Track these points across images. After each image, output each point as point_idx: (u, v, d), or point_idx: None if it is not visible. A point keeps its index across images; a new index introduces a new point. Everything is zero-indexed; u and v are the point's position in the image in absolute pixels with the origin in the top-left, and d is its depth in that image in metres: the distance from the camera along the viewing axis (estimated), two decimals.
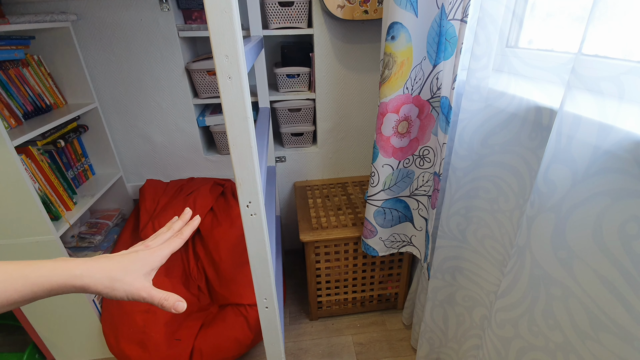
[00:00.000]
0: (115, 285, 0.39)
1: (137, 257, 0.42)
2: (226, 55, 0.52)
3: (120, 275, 0.40)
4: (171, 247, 0.47)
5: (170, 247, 0.47)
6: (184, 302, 0.42)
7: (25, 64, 1.13)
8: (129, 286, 0.40)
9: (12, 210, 0.98)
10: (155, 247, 0.46)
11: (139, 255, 0.43)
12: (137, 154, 1.49)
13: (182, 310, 0.42)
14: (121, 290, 0.40)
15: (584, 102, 0.49)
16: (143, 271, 0.42)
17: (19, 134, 0.97)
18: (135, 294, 0.40)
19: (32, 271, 0.35)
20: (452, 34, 0.77)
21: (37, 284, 0.35)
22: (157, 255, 0.44)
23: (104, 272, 0.39)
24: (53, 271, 0.36)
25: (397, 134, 0.97)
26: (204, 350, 1.14)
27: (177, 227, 0.51)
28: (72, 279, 0.37)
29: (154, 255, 0.44)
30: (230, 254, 1.27)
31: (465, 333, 0.96)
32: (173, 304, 0.41)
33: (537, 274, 0.59)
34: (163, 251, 0.45)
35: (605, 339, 0.49)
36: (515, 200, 0.70)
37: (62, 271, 0.37)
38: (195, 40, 1.50)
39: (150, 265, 0.43)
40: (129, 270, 0.41)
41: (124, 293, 0.40)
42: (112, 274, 0.40)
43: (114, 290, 0.39)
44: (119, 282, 0.39)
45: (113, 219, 1.43)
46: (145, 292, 0.41)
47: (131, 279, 0.40)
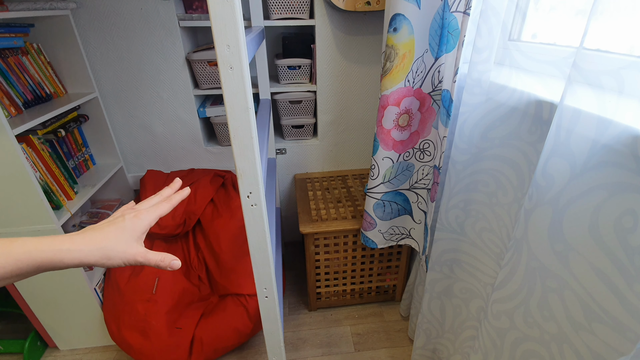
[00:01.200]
0: (110, 255, 0.40)
1: (124, 224, 0.42)
2: (228, 45, 0.52)
3: (113, 244, 0.40)
4: (159, 211, 0.46)
5: (158, 212, 0.46)
6: (178, 260, 0.44)
7: (24, 52, 1.12)
8: (123, 253, 0.40)
9: (14, 199, 0.99)
10: (142, 210, 0.45)
11: (125, 222, 0.43)
12: (137, 144, 1.49)
13: (178, 267, 0.43)
14: (117, 258, 0.40)
15: (584, 96, 0.49)
16: (134, 237, 0.42)
17: (20, 123, 0.97)
18: (131, 259, 0.41)
19: (16, 247, 0.35)
20: (454, 26, 0.77)
21: (22, 260, 0.35)
22: (144, 218, 0.44)
23: (94, 244, 0.39)
24: (38, 246, 0.36)
25: (397, 127, 0.97)
26: (204, 339, 1.16)
27: (166, 193, 0.51)
28: (59, 254, 0.37)
29: (141, 219, 0.44)
30: (231, 245, 1.28)
31: (461, 324, 0.97)
32: (169, 263, 0.43)
33: (533, 266, 0.60)
34: (150, 215, 0.45)
35: (598, 329, 0.50)
36: (513, 193, 0.71)
37: (47, 246, 0.36)
38: (196, 30, 1.49)
39: (140, 229, 0.43)
40: (120, 239, 0.41)
41: (120, 260, 0.40)
42: (103, 244, 0.40)
43: (110, 259, 0.40)
44: (113, 251, 0.40)
45: (114, 209, 1.44)
46: (141, 256, 0.41)
47: (124, 246, 0.41)
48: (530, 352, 0.65)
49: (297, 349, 1.32)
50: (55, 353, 1.33)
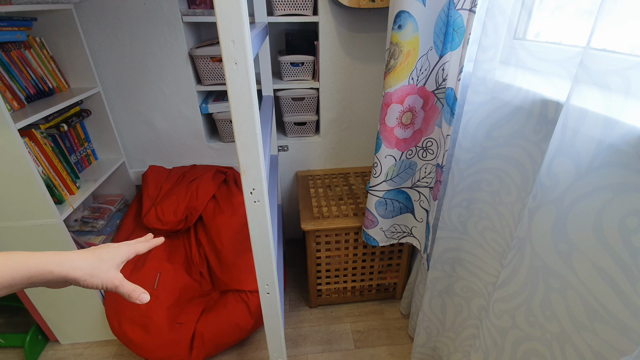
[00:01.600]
0: (93, 272, 0.43)
1: (108, 250, 0.46)
2: (233, 40, 0.52)
3: (97, 264, 0.43)
4: (137, 247, 0.51)
5: (136, 248, 0.51)
6: (147, 294, 0.47)
7: (27, 46, 1.12)
8: (105, 274, 0.44)
9: (16, 193, 0.99)
10: (123, 243, 0.50)
11: (109, 248, 0.47)
12: (139, 139, 1.49)
13: (146, 301, 0.47)
14: (98, 278, 0.43)
15: (590, 96, 0.49)
16: (115, 263, 0.46)
17: (22, 117, 0.97)
18: (109, 282, 0.44)
19: (10, 259, 0.38)
20: (460, 24, 0.76)
21: (17, 270, 0.37)
22: (124, 250, 0.48)
23: (81, 260, 0.42)
24: (29, 259, 0.39)
25: (401, 124, 0.96)
26: (205, 335, 1.16)
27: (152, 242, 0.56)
28: (49, 266, 0.39)
29: (122, 249, 0.48)
30: (232, 241, 1.28)
31: (462, 323, 0.97)
32: (138, 296, 0.46)
33: (536, 265, 0.60)
34: (130, 248, 0.50)
35: (600, 329, 0.50)
36: (517, 193, 0.71)
37: (38, 259, 0.39)
38: (199, 26, 1.49)
39: (120, 258, 0.47)
40: (103, 260, 0.45)
41: (100, 280, 0.43)
42: (90, 262, 0.43)
43: (92, 277, 0.42)
44: (97, 269, 0.43)
45: (116, 204, 1.44)
46: (118, 282, 0.45)
47: (106, 268, 0.44)
48: (531, 351, 0.65)
49: (297, 346, 1.32)
50: (56, 347, 1.33)
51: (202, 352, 1.17)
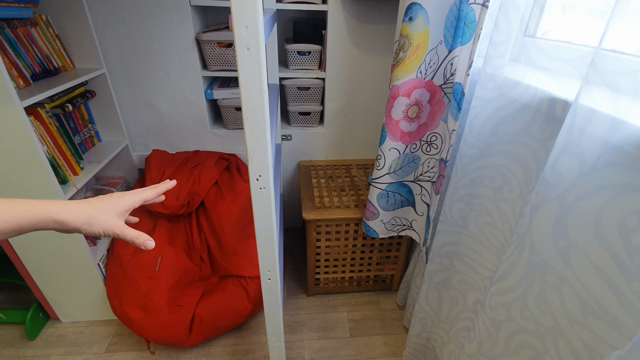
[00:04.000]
0: (92, 221, 0.44)
1: (110, 199, 0.48)
2: (246, 25, 0.52)
3: (96, 213, 0.45)
4: (144, 195, 0.52)
5: (143, 195, 0.52)
6: (152, 241, 0.48)
7: (33, 24, 1.11)
8: (104, 222, 0.45)
9: (22, 172, 1.00)
10: (128, 192, 0.51)
11: (112, 197, 0.48)
12: (143, 123, 1.48)
13: (152, 247, 0.48)
14: (97, 225, 0.45)
15: (599, 96, 0.49)
16: (116, 211, 0.47)
17: (28, 95, 0.97)
18: (109, 230, 0.45)
19: (17, 205, 0.40)
20: (471, 18, 0.76)
21: (22, 216, 0.40)
22: (127, 198, 0.49)
23: (80, 210, 0.44)
24: (34, 206, 0.41)
25: (406, 118, 0.97)
26: (204, 318, 1.18)
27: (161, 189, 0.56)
28: (52, 214, 0.42)
29: (125, 198, 0.49)
30: (233, 228, 1.29)
31: (457, 315, 0.99)
32: (143, 242, 0.47)
33: (534, 261, 0.61)
34: (135, 196, 0.50)
35: (594, 324, 0.52)
36: (519, 190, 0.72)
37: (42, 206, 0.42)
38: (207, 10, 1.47)
39: (122, 206, 0.48)
40: (103, 209, 0.46)
41: (100, 228, 0.45)
42: (89, 212, 0.45)
43: (91, 225, 0.44)
44: (95, 218, 0.45)
45: (118, 186, 1.45)
46: (119, 230, 0.46)
47: (106, 217, 0.46)
48: (524, 343, 0.67)
49: (294, 332, 1.35)
50: (57, 325, 1.36)
51: (200, 335, 1.19)
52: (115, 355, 1.25)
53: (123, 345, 1.28)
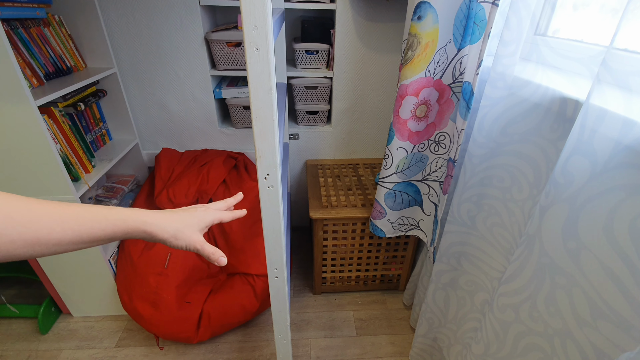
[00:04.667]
0: (178, 235, 0.45)
1: (195, 213, 0.49)
2: (255, 25, 0.52)
3: (182, 227, 0.46)
4: (222, 215, 0.53)
5: (221, 216, 0.53)
6: (225, 257, 0.49)
7: (46, 24, 1.13)
8: (188, 237, 0.46)
9: (35, 169, 1.02)
10: (211, 207, 0.52)
11: (197, 212, 0.49)
12: (153, 122, 1.50)
13: (224, 264, 0.49)
14: (182, 240, 0.46)
15: (611, 96, 0.49)
16: (199, 227, 0.48)
17: (41, 94, 0.99)
18: (192, 244, 0.47)
19: (113, 214, 0.41)
20: (481, 17, 0.75)
21: (117, 225, 0.41)
22: (210, 214, 0.51)
23: (169, 223, 0.45)
24: (130, 216, 0.42)
25: (414, 117, 0.96)
26: (212, 314, 1.20)
27: (231, 202, 0.58)
28: (144, 225, 0.43)
29: (208, 213, 0.51)
30: (241, 226, 1.30)
31: (464, 316, 0.99)
32: (217, 258, 0.48)
33: (544, 262, 0.61)
34: (216, 214, 0.52)
35: (603, 326, 0.51)
36: (529, 190, 0.71)
37: (137, 217, 0.42)
38: (215, 10, 1.48)
39: (205, 222, 0.50)
40: (188, 224, 0.47)
41: (184, 243, 0.46)
42: (176, 225, 0.46)
43: (177, 239, 0.45)
44: (181, 232, 0.46)
45: (128, 184, 1.47)
46: (199, 245, 0.47)
47: (190, 231, 0.47)
48: (532, 345, 0.66)
49: (300, 330, 1.36)
50: (69, 319, 1.39)
51: (208, 331, 1.21)
52: (125, 350, 1.27)
53: (133, 340, 1.30)
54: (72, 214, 0.37)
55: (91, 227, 0.38)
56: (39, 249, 0.35)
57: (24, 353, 1.25)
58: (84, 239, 0.38)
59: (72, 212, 0.37)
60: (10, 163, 1.00)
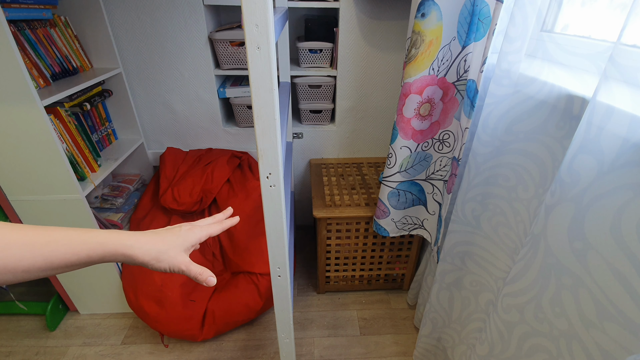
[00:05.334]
0: (160, 257, 0.43)
1: (179, 233, 0.47)
2: (256, 24, 0.52)
3: (165, 249, 0.44)
4: (210, 230, 0.51)
5: (209, 230, 0.51)
6: (214, 277, 0.47)
7: (52, 25, 1.14)
8: (172, 259, 0.44)
9: (42, 168, 1.03)
10: (197, 225, 0.50)
11: (181, 232, 0.47)
12: (158, 121, 1.51)
13: (213, 284, 0.47)
14: (165, 262, 0.44)
15: (618, 93, 0.48)
16: (183, 247, 0.46)
17: (48, 95, 1.00)
18: (176, 266, 0.45)
19: (90, 237, 0.39)
20: (486, 13, 0.74)
21: (93, 249, 0.39)
22: (195, 233, 0.49)
23: (151, 245, 0.43)
24: (108, 239, 0.40)
25: (418, 116, 0.96)
26: (216, 313, 1.20)
27: (219, 217, 0.56)
28: (123, 248, 0.41)
29: (194, 232, 0.48)
30: (245, 225, 1.31)
31: (469, 316, 0.98)
32: (205, 279, 0.46)
33: (549, 262, 0.60)
34: (203, 231, 0.50)
35: (609, 328, 0.50)
36: (534, 189, 0.70)
37: (115, 240, 0.40)
38: (219, 9, 1.48)
39: (190, 241, 0.47)
40: (172, 245, 0.45)
41: (167, 265, 0.44)
42: (158, 246, 0.44)
43: (159, 262, 0.43)
44: (164, 254, 0.44)
45: (134, 183, 1.48)
46: (184, 266, 0.45)
47: (174, 253, 0.45)
48: (537, 346, 0.66)
49: (304, 329, 1.36)
50: (76, 316, 1.40)
51: (212, 329, 1.22)
52: (131, 347, 1.28)
53: (138, 337, 1.32)
54: (45, 240, 0.36)
55: (64, 252, 0.37)
56: (6, 277, 0.33)
57: (32, 349, 1.27)
58: (55, 265, 0.36)
59: (46, 237, 0.36)
60: (18, 162, 1.02)
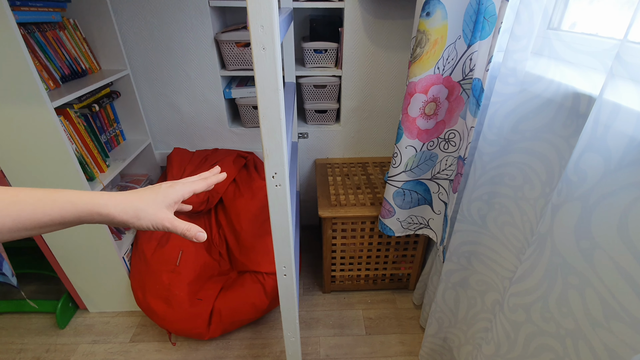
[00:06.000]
0: (140, 215, 0.41)
1: (159, 190, 0.45)
2: (262, 25, 0.52)
3: (144, 206, 0.42)
4: (194, 186, 0.49)
5: (193, 187, 0.48)
6: (204, 232, 0.45)
7: (62, 27, 1.16)
8: (152, 216, 0.42)
9: (52, 168, 1.05)
10: (178, 182, 0.48)
11: (161, 188, 0.45)
12: (165, 122, 1.53)
13: (203, 239, 0.44)
14: (146, 219, 0.42)
15: (625, 91, 0.47)
16: (165, 203, 0.44)
17: (58, 96, 1.02)
18: (159, 223, 0.42)
19: (60, 197, 0.37)
20: (491, 12, 0.74)
21: (65, 209, 0.37)
22: (177, 189, 0.46)
23: (127, 203, 0.41)
24: (80, 198, 0.38)
25: (423, 115, 0.95)
26: (223, 311, 1.21)
27: (204, 175, 0.54)
28: (97, 207, 0.39)
29: (175, 189, 0.46)
30: (251, 224, 1.32)
31: (475, 316, 0.98)
32: (195, 234, 0.44)
33: (556, 262, 0.59)
34: (185, 187, 0.47)
35: (616, 327, 0.50)
36: (541, 188, 0.69)
37: (88, 198, 0.38)
38: (225, 11, 1.50)
39: (172, 198, 0.45)
40: (151, 201, 0.43)
41: (149, 222, 0.42)
42: (136, 204, 0.41)
43: (139, 219, 0.41)
44: (143, 211, 0.42)
45: (141, 183, 1.50)
46: (169, 222, 0.43)
47: (154, 209, 0.42)
48: (544, 346, 0.65)
49: (310, 328, 1.36)
50: (85, 314, 1.43)
51: (219, 328, 1.23)
52: (139, 345, 1.30)
53: (146, 335, 1.33)
54: (12, 200, 0.34)
55: (33, 212, 0.35)
56: None
57: (43, 347, 1.29)
58: (26, 225, 0.35)
59: (12, 197, 0.34)
60: (28, 162, 1.04)
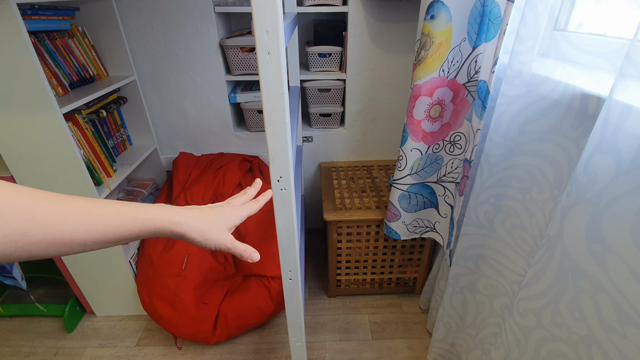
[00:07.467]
0: (206, 235, 0.44)
1: (223, 212, 0.47)
2: (267, 30, 0.53)
3: (210, 227, 0.44)
4: (249, 209, 0.51)
5: (249, 210, 0.51)
6: (257, 253, 0.48)
7: (70, 35, 1.18)
8: (217, 237, 0.45)
9: (60, 173, 1.07)
10: (237, 206, 0.50)
11: (224, 211, 0.48)
12: (171, 127, 1.54)
13: (257, 260, 0.48)
14: (211, 240, 0.44)
15: (636, 91, 0.47)
16: (227, 226, 0.47)
17: (66, 102, 1.04)
18: (222, 244, 0.45)
19: (141, 213, 0.39)
20: (496, 14, 0.74)
21: (144, 225, 0.39)
22: (238, 213, 0.49)
23: (197, 223, 0.43)
24: (157, 215, 0.40)
25: (428, 118, 0.95)
26: (228, 315, 1.21)
27: (252, 193, 0.56)
28: (172, 225, 0.41)
29: (236, 213, 0.49)
30: (256, 228, 1.32)
31: (483, 320, 0.96)
32: (249, 255, 0.47)
33: (566, 265, 0.58)
34: (243, 211, 0.50)
35: (631, 333, 0.49)
36: (549, 191, 0.68)
37: (165, 216, 0.41)
38: (230, 16, 1.51)
39: (233, 221, 0.48)
40: (216, 224, 0.45)
41: (213, 243, 0.45)
42: (204, 225, 0.44)
43: (206, 240, 0.44)
44: (210, 232, 0.44)
45: (148, 188, 1.51)
46: (230, 244, 0.46)
47: (218, 231, 0.45)
48: (556, 352, 0.64)
49: (315, 332, 1.35)
50: (92, 318, 1.44)
51: (225, 332, 1.22)
52: (145, 349, 1.30)
53: (152, 339, 1.34)
54: (99, 214, 0.36)
55: (117, 227, 0.37)
56: (63, 250, 0.34)
57: (51, 350, 1.30)
58: (109, 239, 0.37)
59: (99, 211, 0.36)
60: (37, 167, 1.05)
